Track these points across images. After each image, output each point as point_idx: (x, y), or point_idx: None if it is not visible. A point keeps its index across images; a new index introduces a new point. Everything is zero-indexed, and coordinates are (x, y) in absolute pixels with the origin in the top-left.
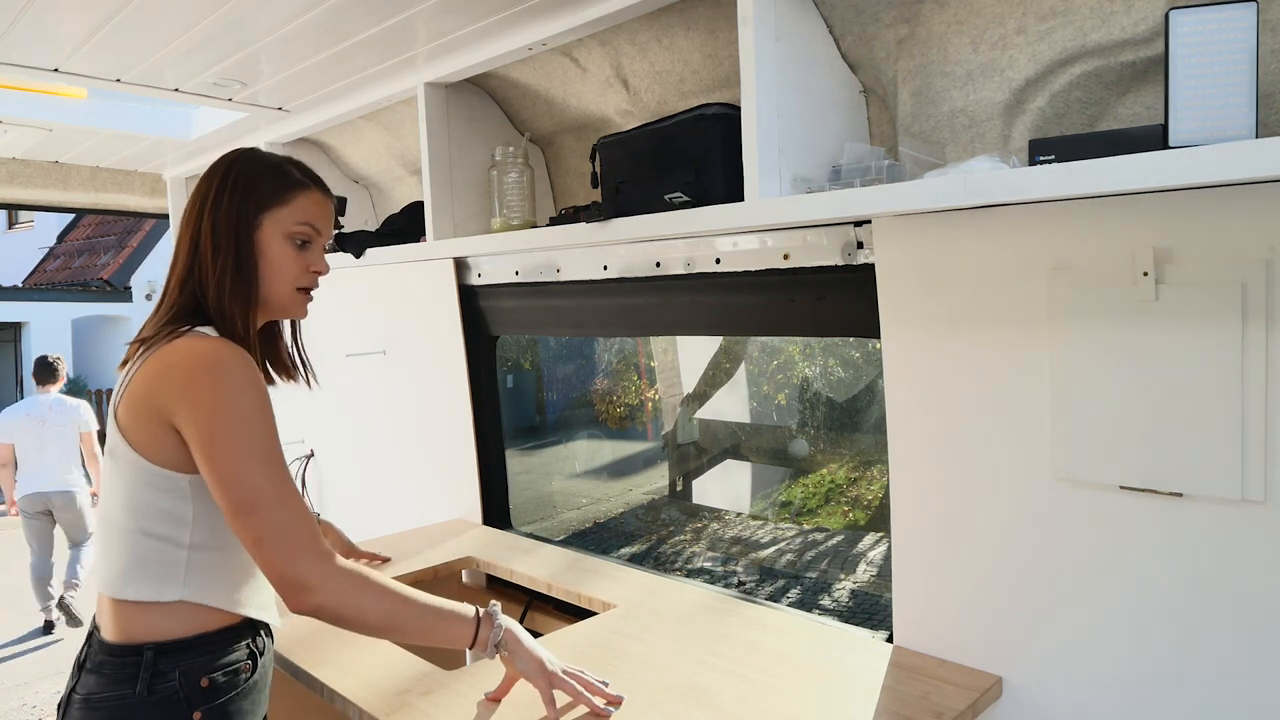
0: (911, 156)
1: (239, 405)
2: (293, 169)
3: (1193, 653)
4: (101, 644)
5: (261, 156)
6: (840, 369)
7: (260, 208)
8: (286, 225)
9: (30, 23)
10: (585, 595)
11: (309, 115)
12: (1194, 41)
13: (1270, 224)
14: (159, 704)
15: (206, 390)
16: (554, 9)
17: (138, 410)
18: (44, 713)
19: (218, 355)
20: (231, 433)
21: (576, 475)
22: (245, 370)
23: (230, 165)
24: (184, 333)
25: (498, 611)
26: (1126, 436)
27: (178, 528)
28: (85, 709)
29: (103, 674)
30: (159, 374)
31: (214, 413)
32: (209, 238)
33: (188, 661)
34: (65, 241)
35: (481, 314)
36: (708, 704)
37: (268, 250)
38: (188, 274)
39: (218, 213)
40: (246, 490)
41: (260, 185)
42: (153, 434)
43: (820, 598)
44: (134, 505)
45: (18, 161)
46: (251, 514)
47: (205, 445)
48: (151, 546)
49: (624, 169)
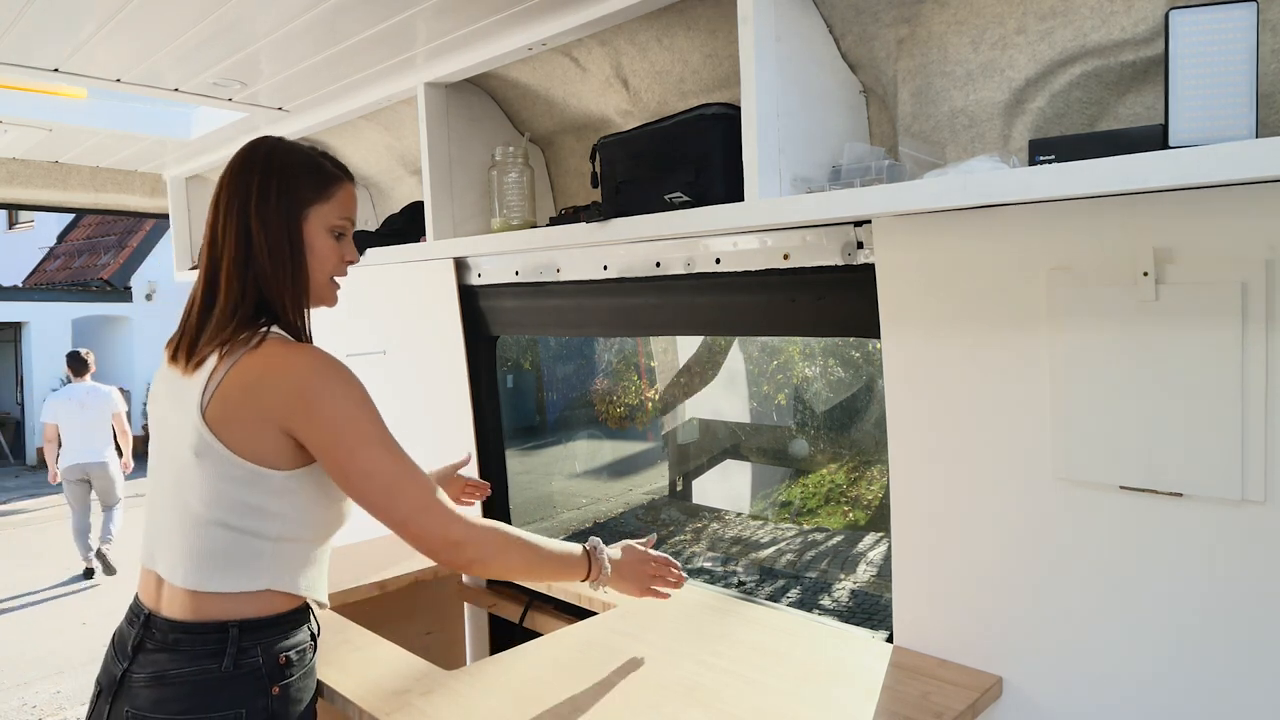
0: (911, 156)
1: (357, 409)
2: (327, 162)
3: (1193, 652)
4: (171, 623)
5: (296, 150)
6: (840, 369)
7: (305, 202)
8: (329, 219)
9: (30, 23)
10: (585, 595)
11: (309, 115)
12: (1194, 41)
13: (1270, 224)
14: (245, 678)
15: (327, 401)
16: (554, 9)
17: (236, 411)
18: (44, 713)
19: (325, 365)
20: (358, 435)
21: (576, 475)
22: (349, 374)
23: (269, 159)
24: (266, 336)
25: (601, 548)
26: (1126, 436)
27: (263, 521)
28: (159, 686)
29: (178, 651)
30: (262, 380)
31: (339, 421)
32: (261, 234)
33: (267, 639)
34: (65, 241)
35: (481, 314)
36: (708, 704)
37: (313, 243)
38: (241, 269)
39: (266, 209)
40: (382, 481)
41: (303, 181)
42: (253, 434)
43: (820, 598)
44: (216, 499)
45: (18, 161)
46: (392, 499)
47: (336, 451)
48: (233, 539)
49: (624, 169)
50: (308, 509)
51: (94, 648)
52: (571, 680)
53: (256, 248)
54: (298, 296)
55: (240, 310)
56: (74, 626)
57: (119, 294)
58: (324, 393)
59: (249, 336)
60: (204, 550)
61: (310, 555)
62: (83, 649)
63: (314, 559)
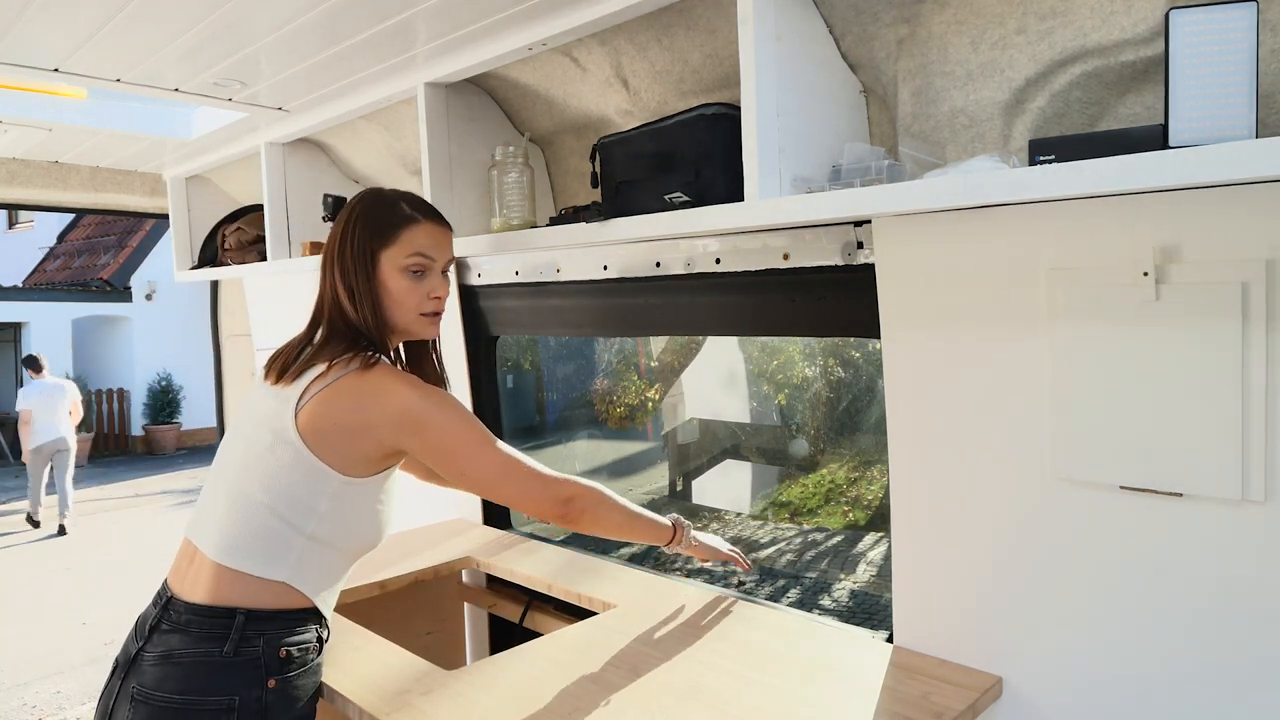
0: (911, 156)
1: (462, 422)
2: (403, 205)
3: (1193, 652)
4: (188, 606)
5: (379, 197)
6: (840, 369)
7: (376, 247)
8: (399, 260)
9: (30, 23)
10: (585, 595)
11: (309, 115)
12: (1194, 41)
13: (1270, 224)
14: (243, 665)
15: (438, 419)
16: (554, 9)
17: (334, 418)
18: (44, 713)
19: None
20: (465, 442)
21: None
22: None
23: (353, 208)
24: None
25: (687, 524)
26: (1126, 436)
27: (309, 518)
28: (165, 665)
29: (188, 633)
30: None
31: (447, 435)
32: (341, 278)
33: (271, 631)
34: (65, 241)
35: (481, 314)
36: (708, 704)
37: (389, 284)
38: (337, 308)
39: (344, 255)
40: (494, 473)
41: (373, 226)
42: (343, 440)
43: (820, 598)
44: (278, 487)
45: (18, 161)
46: (507, 485)
47: (451, 459)
48: (274, 526)
49: (624, 169)
50: (350, 519)
51: (94, 648)
52: (571, 680)
53: (342, 293)
54: (382, 335)
55: (345, 338)
56: (74, 626)
57: (119, 294)
58: (434, 411)
59: (362, 359)
60: (245, 528)
61: (335, 568)
62: (83, 649)
63: (337, 574)
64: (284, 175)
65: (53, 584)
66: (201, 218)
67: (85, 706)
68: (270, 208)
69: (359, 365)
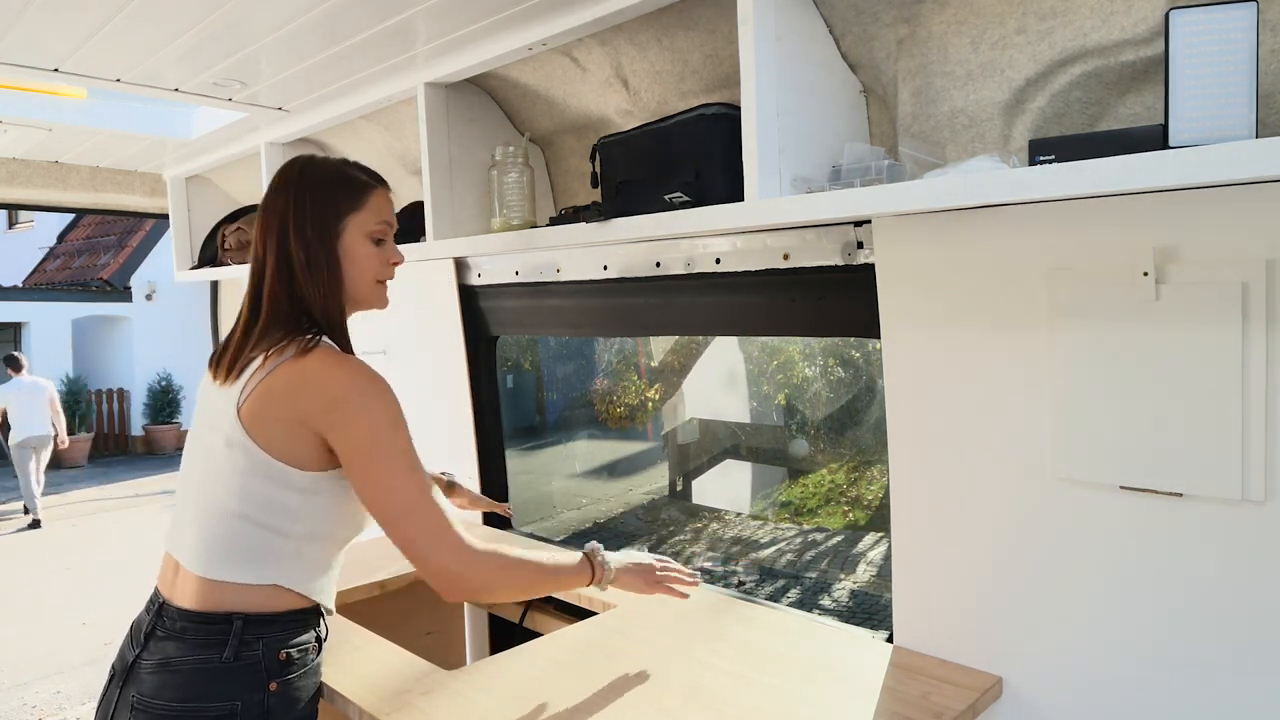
0: (911, 156)
1: (389, 423)
2: (358, 172)
3: (1193, 653)
4: (181, 612)
5: (327, 164)
6: (840, 369)
7: (342, 214)
8: (367, 226)
9: (30, 23)
10: (585, 595)
11: (309, 115)
12: (1194, 41)
13: (1270, 224)
14: (243, 670)
15: (360, 411)
16: (554, 9)
17: (273, 412)
18: (44, 713)
19: (369, 379)
20: (385, 449)
21: (576, 475)
22: (387, 389)
23: (301, 176)
24: (313, 346)
25: (601, 552)
26: (1126, 436)
27: (285, 519)
28: (163, 673)
29: (185, 640)
30: (302, 385)
31: (369, 432)
32: (300, 251)
33: (270, 634)
34: (65, 241)
35: (481, 314)
36: (708, 704)
37: (353, 251)
38: (284, 287)
39: (303, 226)
40: (400, 498)
41: (337, 193)
42: (286, 435)
43: (820, 598)
44: (245, 493)
45: (18, 161)
46: (405, 517)
47: (362, 461)
48: (255, 533)
49: (624, 169)
50: (329, 512)
51: (94, 648)
52: (571, 680)
53: (297, 265)
54: (339, 307)
55: (286, 323)
56: (74, 626)
57: (119, 294)
58: (363, 405)
59: (298, 344)
60: (223, 540)
61: (325, 559)
62: (82, 649)
63: (327, 564)
64: None
65: (53, 584)
66: (201, 218)
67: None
68: None
69: (294, 351)
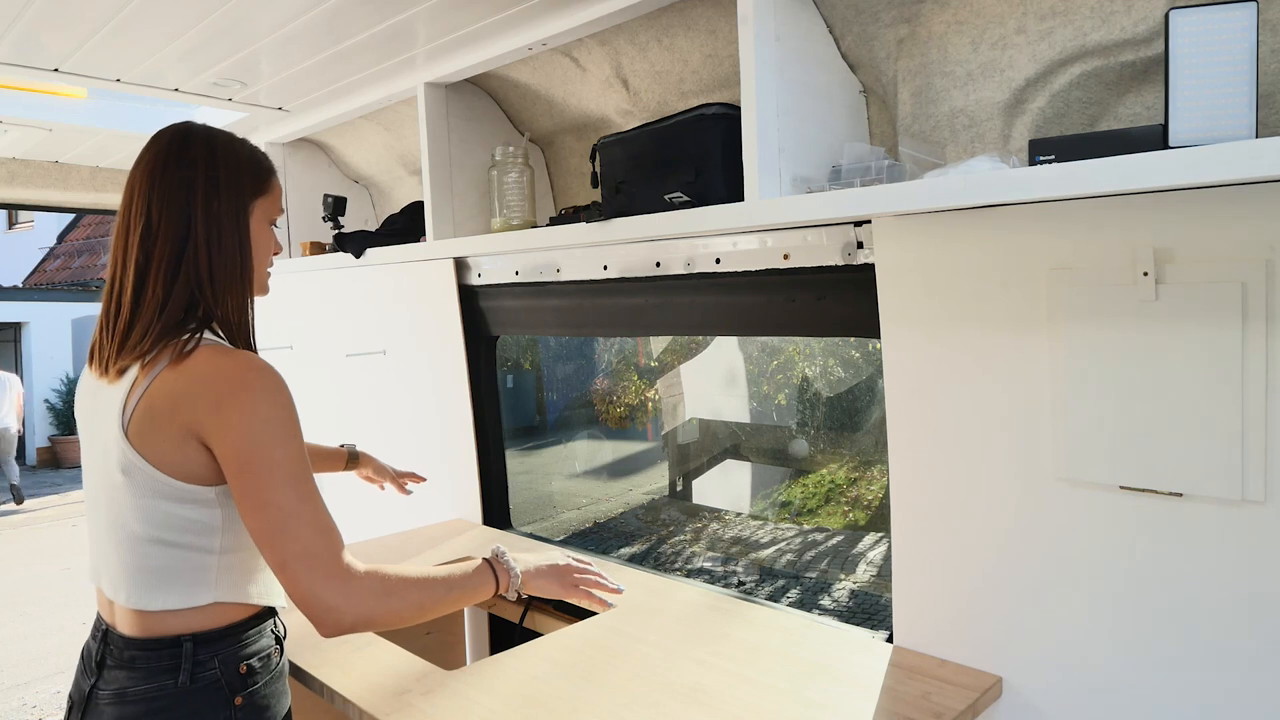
0: (911, 156)
1: (272, 429)
2: (260, 153)
3: (1193, 653)
4: (126, 640)
5: (235, 140)
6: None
7: (251, 195)
8: (270, 212)
9: (30, 23)
10: None
11: (309, 115)
12: (1194, 41)
13: (1270, 224)
14: (203, 691)
15: (240, 413)
16: (554, 9)
17: (159, 427)
18: (44, 712)
19: (250, 375)
20: (265, 457)
21: (576, 475)
22: (277, 390)
23: (211, 150)
24: (196, 345)
25: (505, 555)
26: (1126, 436)
27: (206, 536)
28: (120, 704)
29: (135, 668)
30: (185, 392)
31: (247, 437)
32: (206, 226)
33: (224, 650)
34: (65, 241)
35: (481, 314)
36: (708, 704)
37: (257, 236)
38: (175, 264)
39: (214, 201)
40: (274, 512)
41: (249, 171)
42: (176, 450)
43: (820, 598)
44: (150, 517)
45: (18, 161)
46: (278, 535)
47: (238, 468)
48: (177, 556)
49: (624, 169)
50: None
51: None
52: (571, 680)
53: (198, 241)
54: (245, 290)
55: (167, 312)
56: (74, 626)
57: None
58: (242, 402)
59: (176, 344)
60: (144, 569)
61: (258, 563)
62: None
63: (261, 566)
64: (284, 175)
65: (52, 584)
66: None
67: None
68: None
69: (171, 356)
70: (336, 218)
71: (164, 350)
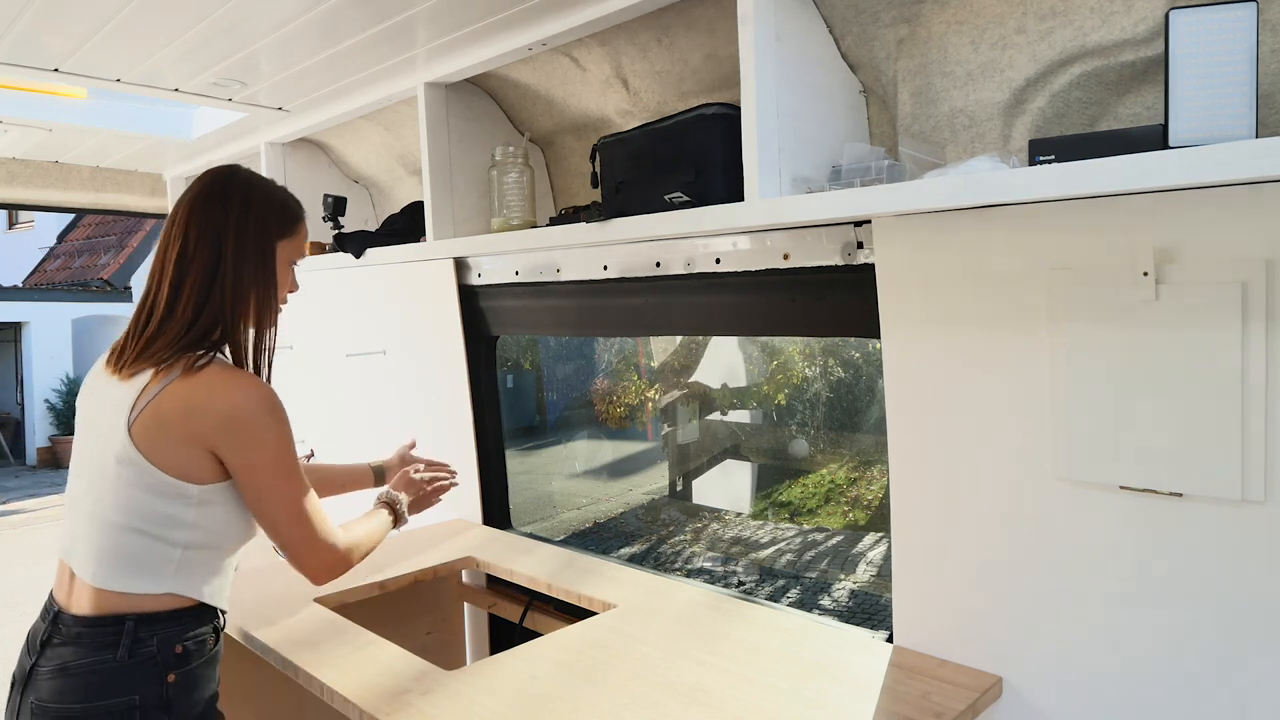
0: (911, 156)
1: (283, 444)
2: (292, 200)
3: (1193, 653)
4: (75, 619)
5: (270, 185)
6: (840, 369)
7: (278, 235)
8: (292, 253)
9: (30, 23)
10: (585, 595)
11: (309, 115)
12: (1194, 41)
13: (1270, 224)
14: (138, 666)
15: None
16: (554, 9)
17: (168, 429)
18: None
19: (262, 399)
20: (279, 468)
21: (576, 475)
22: (281, 410)
23: (247, 190)
24: (209, 361)
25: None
26: (1126, 436)
27: (176, 530)
28: (61, 678)
29: (80, 644)
30: (195, 405)
31: (267, 454)
32: (234, 258)
33: (163, 631)
34: (65, 241)
35: (481, 314)
36: (708, 704)
37: (278, 273)
38: (206, 288)
39: (244, 235)
40: (286, 510)
41: (277, 214)
42: (179, 452)
43: (820, 598)
44: (131, 506)
45: (18, 161)
46: (285, 526)
47: (256, 479)
48: (144, 544)
49: (624, 169)
50: (220, 520)
51: None
52: (571, 680)
53: (226, 269)
54: (261, 317)
55: (190, 333)
56: None
57: (119, 294)
58: (261, 426)
59: (189, 360)
60: (115, 552)
61: (217, 565)
62: None
63: (220, 568)
64: (284, 175)
65: None
66: None
67: None
68: None
69: (182, 370)
70: (336, 218)
71: (178, 362)
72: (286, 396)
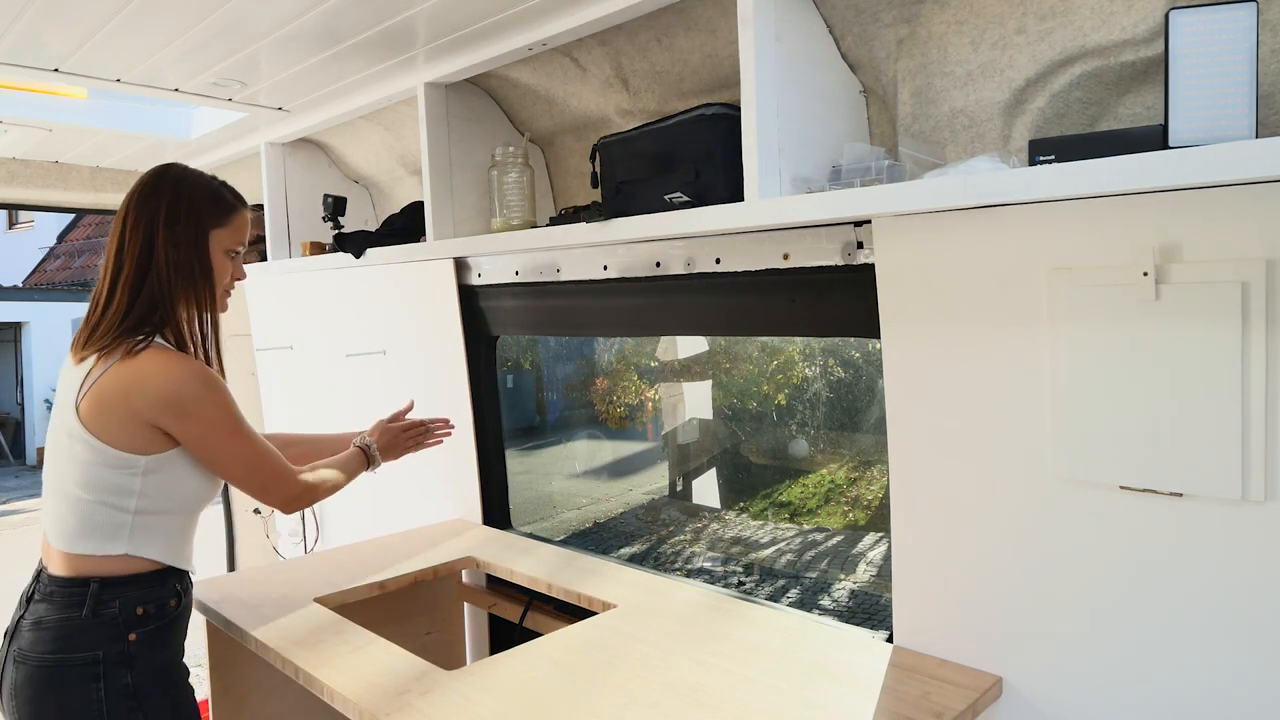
0: (911, 156)
1: (223, 410)
2: (226, 192)
3: (1192, 652)
4: (51, 578)
5: (202, 178)
6: (840, 369)
7: (209, 226)
8: (226, 243)
9: (30, 23)
10: (585, 595)
11: (309, 115)
12: (1194, 41)
13: (1270, 224)
14: (101, 625)
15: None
16: (554, 9)
17: (110, 408)
18: None
19: (195, 374)
20: (226, 431)
21: (576, 475)
22: (211, 380)
23: (177, 186)
24: (146, 345)
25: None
26: (1126, 436)
27: (127, 498)
28: (36, 630)
29: (53, 601)
30: (134, 385)
31: (209, 423)
32: (165, 251)
33: (125, 593)
34: (65, 241)
35: (481, 314)
36: (708, 704)
37: (212, 260)
38: (139, 282)
39: (175, 230)
40: (240, 467)
41: (209, 205)
42: (123, 428)
43: (820, 598)
44: (88, 480)
45: (18, 161)
46: (245, 477)
47: (203, 447)
48: (102, 512)
49: (624, 169)
50: (170, 487)
51: None
52: (571, 680)
53: (159, 262)
54: (200, 305)
55: (128, 319)
56: None
57: None
58: (192, 399)
59: (129, 344)
60: (74, 518)
61: (169, 527)
62: None
63: (174, 531)
64: (284, 175)
65: None
66: None
67: None
68: (270, 208)
69: (122, 353)
70: (336, 218)
71: (119, 347)
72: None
